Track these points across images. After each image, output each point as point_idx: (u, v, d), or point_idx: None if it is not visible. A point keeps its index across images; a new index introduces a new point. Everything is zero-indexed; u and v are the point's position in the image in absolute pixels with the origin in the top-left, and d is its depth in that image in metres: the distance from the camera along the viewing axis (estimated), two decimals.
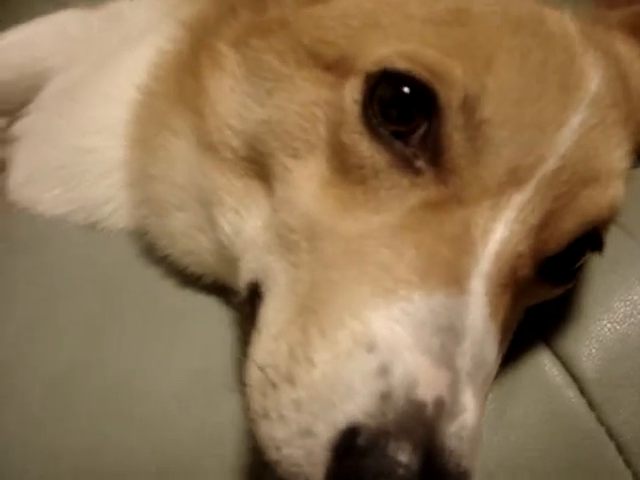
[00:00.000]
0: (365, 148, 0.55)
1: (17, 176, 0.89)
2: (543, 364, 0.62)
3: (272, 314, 0.55)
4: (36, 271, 0.75)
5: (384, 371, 0.46)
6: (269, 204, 0.61)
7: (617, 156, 0.59)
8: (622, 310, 0.63)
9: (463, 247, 0.52)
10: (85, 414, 0.61)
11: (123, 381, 0.63)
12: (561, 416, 0.59)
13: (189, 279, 0.70)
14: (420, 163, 0.55)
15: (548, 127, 0.55)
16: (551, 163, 0.55)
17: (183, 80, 0.69)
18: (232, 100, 0.64)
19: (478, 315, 0.50)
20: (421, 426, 0.45)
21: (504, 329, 0.56)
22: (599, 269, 0.65)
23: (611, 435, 0.58)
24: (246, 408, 0.52)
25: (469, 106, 0.54)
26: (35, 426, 0.61)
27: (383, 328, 0.47)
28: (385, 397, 0.45)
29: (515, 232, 0.54)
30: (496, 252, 0.52)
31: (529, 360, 0.62)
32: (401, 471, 0.43)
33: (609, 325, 0.62)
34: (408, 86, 0.54)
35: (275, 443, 0.47)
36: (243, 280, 0.61)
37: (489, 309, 0.51)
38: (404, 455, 0.44)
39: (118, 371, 0.64)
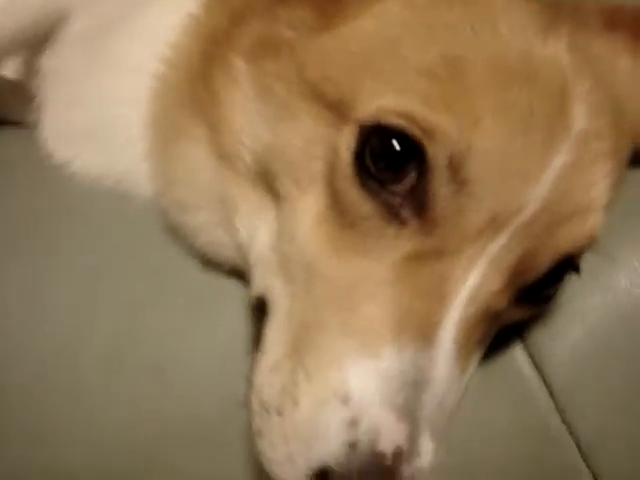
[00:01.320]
0: (355, 195, 0.60)
1: (50, 130, 0.93)
2: (517, 362, 0.69)
3: (272, 340, 0.63)
4: (81, 237, 0.81)
5: (354, 423, 0.55)
6: (277, 222, 0.66)
7: (597, 190, 0.62)
8: (596, 316, 0.69)
9: (436, 300, 0.58)
10: (129, 386, 0.71)
11: (162, 356, 0.72)
12: (529, 418, 0.67)
13: (211, 262, 0.76)
14: (406, 213, 0.59)
15: (530, 176, 0.58)
16: (530, 208, 0.59)
17: (196, 88, 0.71)
18: (244, 118, 0.68)
19: (443, 367, 0.57)
20: (381, 474, 0.54)
21: (478, 346, 0.63)
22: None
23: (575, 439, 0.67)
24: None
25: (455, 164, 0.57)
26: (84, 397, 0.72)
27: (357, 383, 0.56)
28: (352, 447, 0.54)
29: (489, 275, 0.59)
30: (468, 298, 0.58)
31: (504, 357, 0.69)
32: None
33: (583, 331, 0.69)
34: (399, 140, 0.58)
35: (267, 460, 0.59)
36: (252, 291, 0.68)
37: (456, 356, 0.58)
38: None
39: (158, 345, 0.73)
